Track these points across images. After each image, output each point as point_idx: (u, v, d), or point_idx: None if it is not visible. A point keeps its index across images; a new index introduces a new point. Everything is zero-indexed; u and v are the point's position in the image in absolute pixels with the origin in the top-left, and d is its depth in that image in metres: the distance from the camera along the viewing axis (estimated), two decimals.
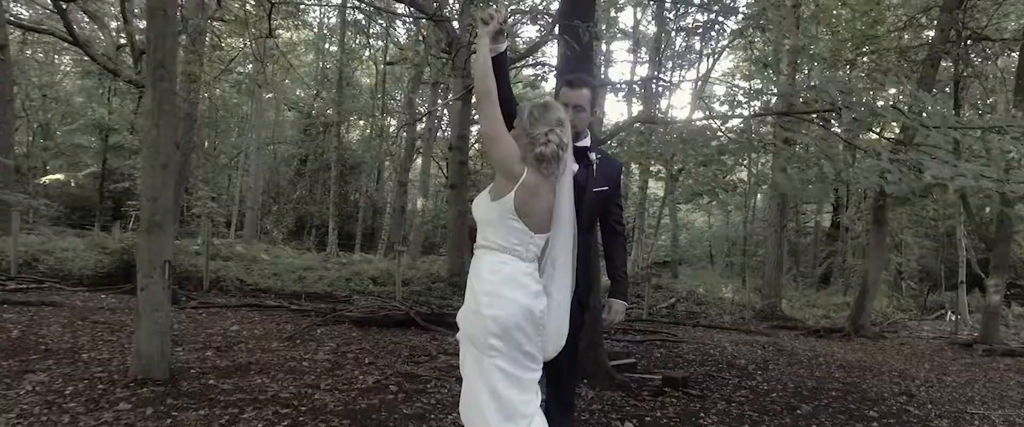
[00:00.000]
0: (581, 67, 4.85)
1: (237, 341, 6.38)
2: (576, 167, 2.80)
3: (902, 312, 17.27)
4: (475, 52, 2.56)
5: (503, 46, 2.68)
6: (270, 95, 25.53)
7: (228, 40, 10.56)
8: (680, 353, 7.77)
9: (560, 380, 2.88)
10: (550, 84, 13.02)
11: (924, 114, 4.31)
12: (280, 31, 16.75)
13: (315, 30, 26.74)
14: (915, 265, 21.68)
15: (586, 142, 2.87)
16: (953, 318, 16.92)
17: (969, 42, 11.52)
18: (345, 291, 11.85)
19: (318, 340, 6.80)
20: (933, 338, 12.07)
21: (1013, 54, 12.07)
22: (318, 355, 5.94)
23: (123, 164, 22.69)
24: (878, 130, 4.44)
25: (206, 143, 26.90)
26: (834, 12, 10.59)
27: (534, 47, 14.17)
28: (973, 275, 16.40)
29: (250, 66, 18.90)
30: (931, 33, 13.58)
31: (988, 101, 13.88)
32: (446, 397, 4.52)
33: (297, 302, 9.91)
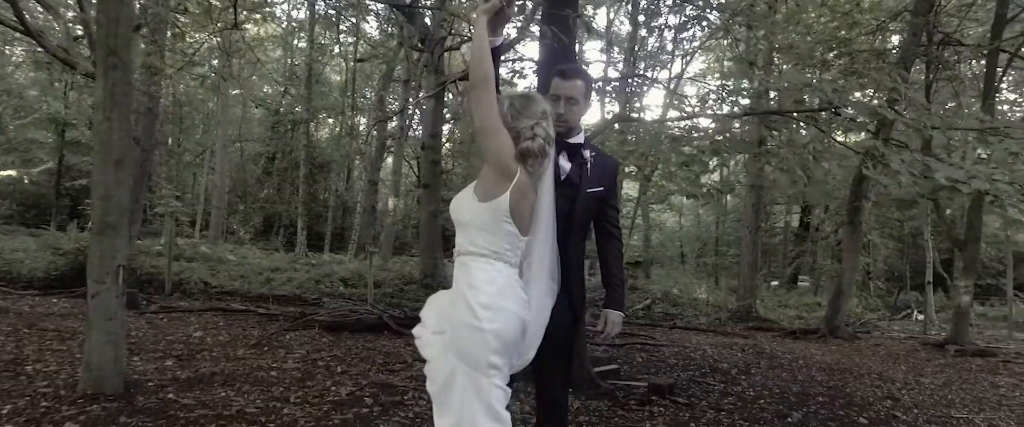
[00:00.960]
0: (565, 61, 4.63)
1: (200, 349, 6.02)
2: (569, 165, 2.59)
3: (871, 312, 17.50)
4: (470, 39, 2.33)
5: (500, 39, 2.44)
6: (237, 91, 24.83)
7: (191, 32, 10.08)
8: (661, 357, 7.62)
9: (554, 400, 2.66)
10: (527, 81, 12.78)
11: (904, 112, 4.20)
12: (247, 25, 16.23)
13: (284, 25, 26.13)
14: (882, 265, 22.08)
15: (580, 138, 2.63)
16: (919, 317, 17.23)
17: (939, 47, 11.62)
18: (314, 293, 11.47)
19: (287, 346, 6.48)
20: (905, 338, 12.18)
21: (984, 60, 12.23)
22: (287, 363, 5.62)
23: (81, 160, 21.81)
24: (873, 130, 4.33)
25: (170, 140, 26.11)
26: (810, 13, 10.56)
27: (511, 42, 13.91)
28: (936, 275, 16.72)
29: (216, 61, 18.33)
30: (897, 38, 13.79)
31: (950, 105, 14.09)
32: (426, 409, 4.26)
33: (264, 305, 9.54)
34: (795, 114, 4.90)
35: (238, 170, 27.19)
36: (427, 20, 14.39)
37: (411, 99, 20.49)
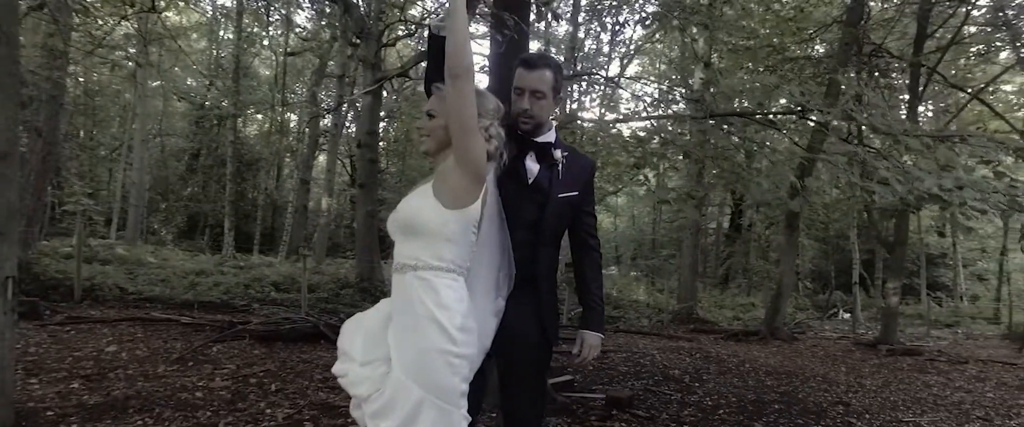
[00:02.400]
0: (522, 53, 4.32)
1: (113, 366, 5.39)
2: (537, 168, 2.29)
3: (801, 311, 18.11)
4: (409, 34, 2.02)
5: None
6: (157, 83, 23.32)
7: (103, 14, 9.18)
8: (611, 364, 7.46)
9: (524, 422, 2.36)
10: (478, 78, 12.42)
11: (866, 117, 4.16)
12: (167, 12, 15.17)
13: (208, 13, 24.76)
14: (810, 266, 22.98)
15: (550, 137, 2.33)
16: (845, 316, 17.99)
17: (870, 57, 12.06)
18: (244, 299, 10.73)
19: (214, 361, 5.91)
20: (838, 338, 12.57)
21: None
22: (215, 381, 5.09)
23: None
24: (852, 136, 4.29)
25: (81, 132, 24.30)
26: (754, 17, 10.69)
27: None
28: (859, 275, 17.53)
29: (132, 50, 17.10)
30: (821, 47, 14.30)
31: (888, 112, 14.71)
32: None
33: (189, 313, 8.79)
34: (750, 116, 4.83)
35: (159, 166, 25.59)
36: (362, 10, 13.86)
37: (348, 95, 19.80)
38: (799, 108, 4.22)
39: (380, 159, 19.93)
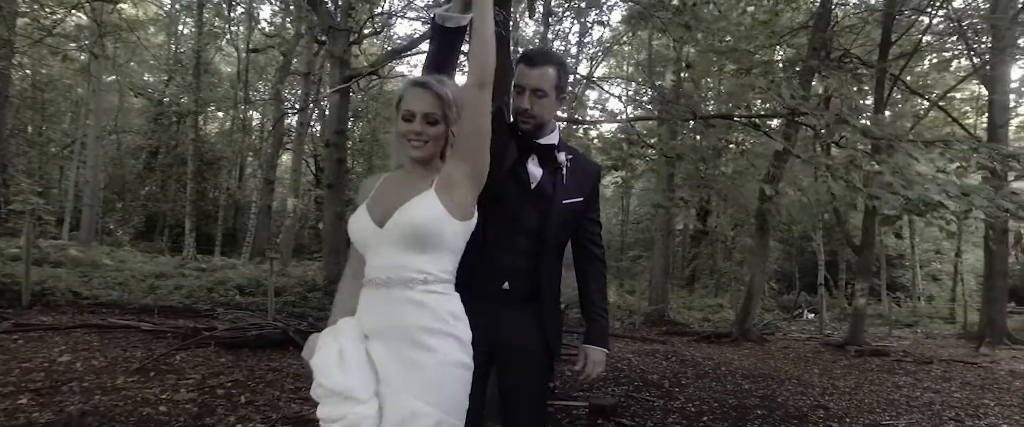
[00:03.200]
0: (502, 50, 4.15)
1: (67, 378, 5.05)
2: (540, 172, 2.15)
3: (767, 312, 18.38)
4: (377, 32, 1.86)
5: (468, 16, 1.98)
6: (112, 77, 22.42)
7: (51, 2, 8.69)
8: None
9: None
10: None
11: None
12: (122, 4, 14.57)
13: (166, 6, 23.95)
14: (775, 267, 23.37)
15: (553, 139, 2.19)
16: (810, 317, 18.34)
17: (839, 61, 12.28)
18: (207, 303, 10.32)
19: (178, 371, 5.61)
20: (806, 340, 12.74)
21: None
22: (179, 393, 4.81)
23: None
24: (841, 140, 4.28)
25: (29, 128, 23.26)
26: (723, 24, 10.76)
27: (423, 36, 13.26)
28: (822, 276, 17.94)
29: (87, 43, 16.40)
30: (780, 53, 14.55)
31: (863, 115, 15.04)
32: None
33: (149, 319, 8.39)
34: (743, 119, 4.78)
35: (115, 164, 24.68)
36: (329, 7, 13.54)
37: (317, 92, 19.37)
38: (788, 112, 4.19)
39: (347, 159, 19.53)
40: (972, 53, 14.24)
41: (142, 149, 25.38)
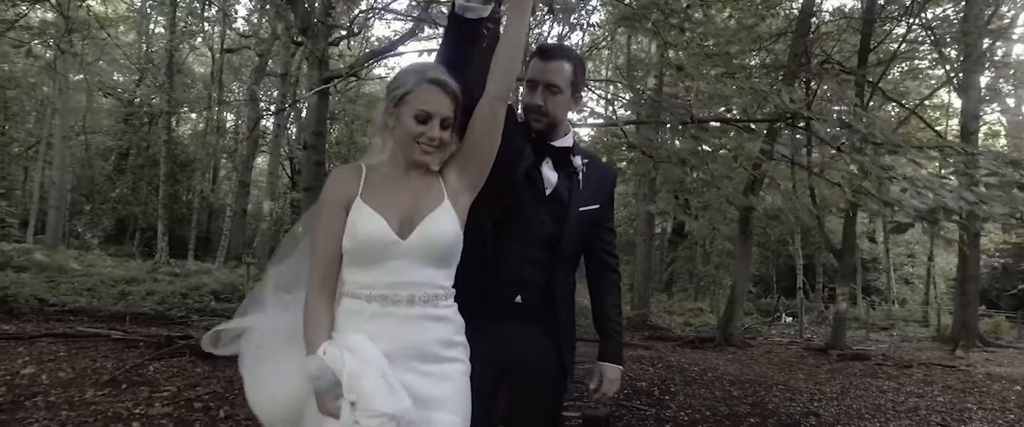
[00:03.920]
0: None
1: (32, 392, 4.77)
2: (555, 177, 2.02)
3: (747, 316, 18.50)
4: (355, 32, 1.72)
5: (490, 7, 1.84)
6: (80, 76, 21.79)
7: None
8: (576, 377, 7.23)
9: None
10: None
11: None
12: (90, 1, 14.14)
13: (137, 4, 23.39)
14: (753, 271, 23.56)
15: (568, 141, 2.06)
16: (788, 320, 18.50)
17: (821, 66, 12.41)
18: (181, 310, 10.01)
19: (152, 382, 5.35)
20: (788, 344, 12.81)
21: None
22: (153, 407, 4.57)
23: None
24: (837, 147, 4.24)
25: None
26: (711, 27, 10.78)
27: (409, 32, 12.99)
28: (801, 280, 18.14)
29: (52, 41, 15.91)
30: (757, 59, 14.70)
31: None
32: None
33: (120, 327, 8.06)
34: (741, 123, 4.73)
35: (83, 166, 24.02)
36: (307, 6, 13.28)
37: (291, 94, 19.04)
38: (789, 116, 4.13)
39: (325, 161, 19.23)
40: (945, 62, 14.55)
41: (112, 150, 24.77)
